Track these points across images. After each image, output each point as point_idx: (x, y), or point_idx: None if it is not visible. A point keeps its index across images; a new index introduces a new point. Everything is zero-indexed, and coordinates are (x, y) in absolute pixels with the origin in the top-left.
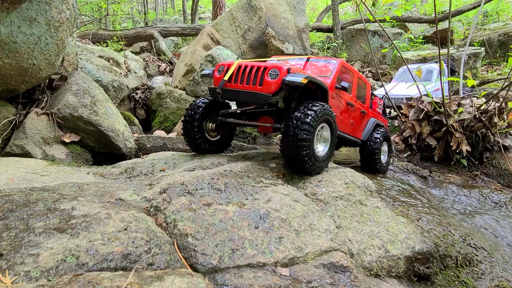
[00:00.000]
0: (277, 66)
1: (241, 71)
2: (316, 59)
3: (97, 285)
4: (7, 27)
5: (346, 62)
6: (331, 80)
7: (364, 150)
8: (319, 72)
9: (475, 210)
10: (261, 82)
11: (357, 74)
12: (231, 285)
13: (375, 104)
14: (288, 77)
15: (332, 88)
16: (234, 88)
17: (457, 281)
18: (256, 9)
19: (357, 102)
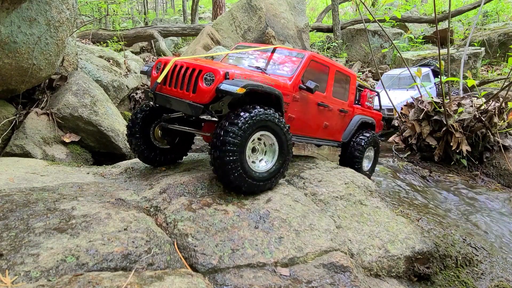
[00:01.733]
0: (213, 70)
1: (176, 72)
2: (283, 50)
3: (97, 285)
4: (7, 27)
5: (317, 54)
6: (294, 79)
7: (345, 152)
8: (282, 68)
9: (475, 210)
10: (194, 89)
11: (334, 67)
12: (231, 285)
13: (363, 97)
14: (223, 85)
15: (295, 89)
16: (167, 93)
17: (457, 281)
18: (256, 9)
19: (333, 101)
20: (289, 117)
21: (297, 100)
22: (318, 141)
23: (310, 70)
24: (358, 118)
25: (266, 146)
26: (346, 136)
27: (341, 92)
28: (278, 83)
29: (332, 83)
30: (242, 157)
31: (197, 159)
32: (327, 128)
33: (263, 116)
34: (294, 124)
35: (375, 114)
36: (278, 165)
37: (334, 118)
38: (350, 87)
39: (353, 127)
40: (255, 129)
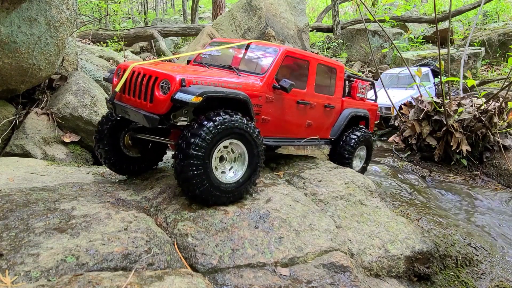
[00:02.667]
0: (168, 76)
1: (133, 79)
2: (258, 46)
3: (97, 285)
4: (7, 27)
5: (293, 49)
6: (266, 79)
7: (334, 151)
8: (255, 66)
9: (475, 210)
10: (151, 98)
11: (315, 61)
12: (231, 285)
13: (354, 89)
14: (178, 94)
15: (268, 89)
16: (126, 103)
17: (457, 281)
18: (256, 9)
19: (316, 97)
20: (263, 119)
21: (272, 100)
22: (300, 141)
23: (287, 66)
24: (348, 112)
25: (234, 154)
26: (335, 132)
27: (326, 86)
28: (246, 85)
29: (313, 78)
30: (207, 169)
31: None
32: (311, 126)
33: (229, 124)
34: (270, 126)
35: (369, 105)
36: (249, 173)
37: (319, 115)
38: (336, 80)
39: (343, 122)
40: (221, 138)
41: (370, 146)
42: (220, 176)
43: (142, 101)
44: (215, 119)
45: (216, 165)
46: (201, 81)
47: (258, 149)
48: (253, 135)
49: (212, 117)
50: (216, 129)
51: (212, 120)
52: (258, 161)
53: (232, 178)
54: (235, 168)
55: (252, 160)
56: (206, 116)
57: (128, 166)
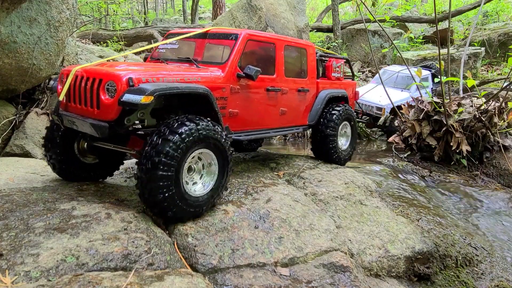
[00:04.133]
0: (113, 77)
1: (77, 84)
2: (217, 33)
3: (97, 285)
4: (7, 27)
5: (255, 32)
6: (228, 68)
7: (316, 135)
8: (215, 56)
9: (475, 210)
10: (98, 104)
11: (282, 42)
12: (231, 285)
13: (329, 69)
14: (125, 96)
15: (232, 79)
16: (72, 112)
17: (457, 281)
18: (256, 9)
19: (288, 82)
20: (231, 113)
21: (238, 91)
22: (277, 131)
23: (251, 52)
24: (325, 94)
25: (202, 161)
26: (313, 117)
27: (297, 69)
28: (206, 77)
29: (282, 61)
30: (178, 188)
31: None
32: (286, 114)
33: (196, 134)
34: (240, 119)
35: (347, 84)
36: (219, 180)
37: (293, 101)
38: (308, 61)
39: (320, 106)
40: (188, 151)
41: (353, 122)
42: (190, 189)
43: (89, 108)
44: (181, 132)
45: (186, 179)
46: (152, 78)
47: (227, 154)
48: (221, 141)
49: (176, 128)
50: (184, 143)
51: (178, 133)
52: (228, 166)
53: (202, 189)
54: (205, 177)
55: (222, 167)
56: (169, 127)
57: (85, 174)
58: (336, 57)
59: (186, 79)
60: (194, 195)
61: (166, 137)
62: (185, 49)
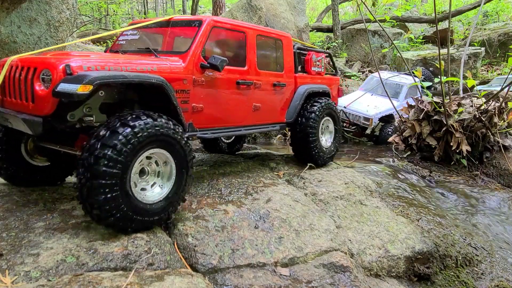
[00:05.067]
0: (49, 65)
1: (11, 76)
2: (180, 21)
3: (97, 285)
4: (7, 27)
5: (223, 19)
6: (190, 57)
7: (295, 133)
8: (177, 45)
9: (475, 210)
10: (33, 96)
11: (254, 31)
12: (231, 285)
13: (308, 62)
14: (60, 85)
15: (196, 70)
16: (7, 107)
17: (457, 281)
18: (256, 9)
19: (261, 75)
20: (194, 108)
21: (202, 83)
22: (249, 129)
23: (218, 41)
24: (304, 89)
25: (159, 167)
26: (291, 114)
27: (272, 62)
28: (163, 67)
29: (254, 52)
30: (123, 189)
31: (197, 158)
32: (260, 110)
33: (152, 130)
34: (205, 115)
35: (329, 80)
36: (177, 187)
37: (268, 96)
38: (284, 53)
39: (299, 102)
40: (142, 149)
41: (336, 117)
42: (142, 195)
43: (24, 102)
44: (133, 125)
45: (136, 181)
46: (96, 67)
47: (188, 157)
48: (182, 142)
49: (129, 121)
50: (136, 138)
51: (130, 126)
52: (187, 171)
53: (157, 195)
54: (159, 183)
55: (180, 172)
56: (121, 119)
57: (36, 178)
58: (316, 50)
59: (138, 68)
60: (145, 201)
61: (115, 129)
62: (147, 39)
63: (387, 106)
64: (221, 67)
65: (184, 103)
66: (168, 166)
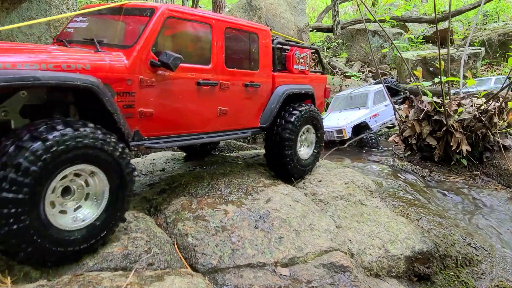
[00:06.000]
0: None
1: None
2: (133, 8)
3: (97, 285)
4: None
5: (181, 8)
6: (136, 53)
7: (269, 140)
8: (125, 37)
9: (475, 210)
10: None
11: (222, 23)
12: (231, 285)
13: (290, 59)
14: None
15: (143, 68)
16: None
17: (457, 281)
18: (256, 9)
19: (230, 74)
20: (142, 113)
21: (152, 84)
22: (213, 136)
23: (174, 34)
24: (283, 90)
25: (89, 186)
26: (266, 118)
27: (245, 59)
28: (99, 64)
29: (221, 48)
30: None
31: (197, 159)
32: (227, 114)
33: (72, 143)
34: (156, 121)
35: (314, 79)
36: (109, 212)
37: (237, 98)
38: (260, 49)
39: (276, 104)
40: (59, 167)
41: (318, 126)
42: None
43: None
44: (46, 137)
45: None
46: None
47: (125, 172)
48: (115, 154)
49: (42, 132)
50: (49, 154)
51: (42, 139)
52: (125, 190)
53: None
54: (87, 205)
55: (115, 190)
56: (31, 130)
57: None
58: (300, 45)
59: (64, 66)
60: (66, 228)
61: (22, 143)
62: (95, 28)
63: (358, 115)
64: (174, 66)
65: (127, 108)
66: (99, 184)
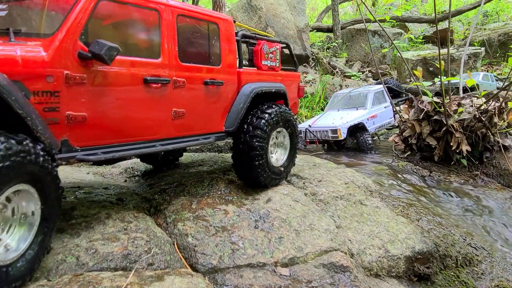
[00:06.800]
0: None
1: None
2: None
3: (97, 285)
4: None
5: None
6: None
7: (236, 146)
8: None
9: (475, 210)
10: None
11: (174, 10)
12: (231, 285)
13: (258, 54)
14: None
15: (69, 62)
16: None
17: (457, 281)
18: (256, 9)
19: (186, 70)
20: (70, 117)
21: (84, 81)
22: (168, 144)
23: (110, 21)
24: (250, 88)
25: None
26: (232, 121)
27: (204, 52)
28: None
29: (173, 38)
30: None
31: (197, 159)
32: (184, 117)
33: None
34: (91, 127)
35: (286, 76)
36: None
37: (196, 98)
38: (222, 42)
39: (243, 105)
40: None
41: (292, 129)
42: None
43: None
44: None
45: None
46: None
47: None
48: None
49: None
50: None
51: None
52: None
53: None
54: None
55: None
56: None
57: None
58: (268, 39)
59: None
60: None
61: None
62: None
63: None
64: (108, 58)
65: (50, 111)
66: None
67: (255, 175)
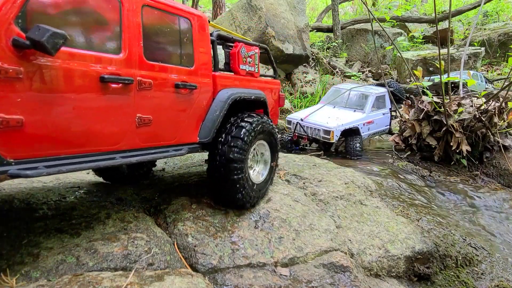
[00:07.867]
0: None
1: None
2: None
3: (97, 285)
4: None
5: None
6: None
7: (212, 159)
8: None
9: (475, 210)
10: None
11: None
12: (231, 285)
13: (235, 58)
14: None
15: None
16: None
17: (457, 281)
18: (256, 9)
19: (153, 69)
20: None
21: (20, 76)
22: (130, 156)
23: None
24: (227, 94)
25: None
26: (207, 130)
27: (174, 50)
28: None
29: (138, 31)
30: None
31: (198, 158)
32: (151, 125)
33: None
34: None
35: (265, 83)
36: None
37: (166, 102)
38: (195, 40)
39: (219, 112)
40: None
41: (273, 141)
42: None
43: None
44: None
45: None
46: None
47: None
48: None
49: None
50: None
51: None
52: None
53: None
54: None
55: None
56: None
57: None
58: (246, 42)
59: None
60: None
61: None
62: None
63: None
64: (52, 47)
65: None
66: None
67: (232, 189)
